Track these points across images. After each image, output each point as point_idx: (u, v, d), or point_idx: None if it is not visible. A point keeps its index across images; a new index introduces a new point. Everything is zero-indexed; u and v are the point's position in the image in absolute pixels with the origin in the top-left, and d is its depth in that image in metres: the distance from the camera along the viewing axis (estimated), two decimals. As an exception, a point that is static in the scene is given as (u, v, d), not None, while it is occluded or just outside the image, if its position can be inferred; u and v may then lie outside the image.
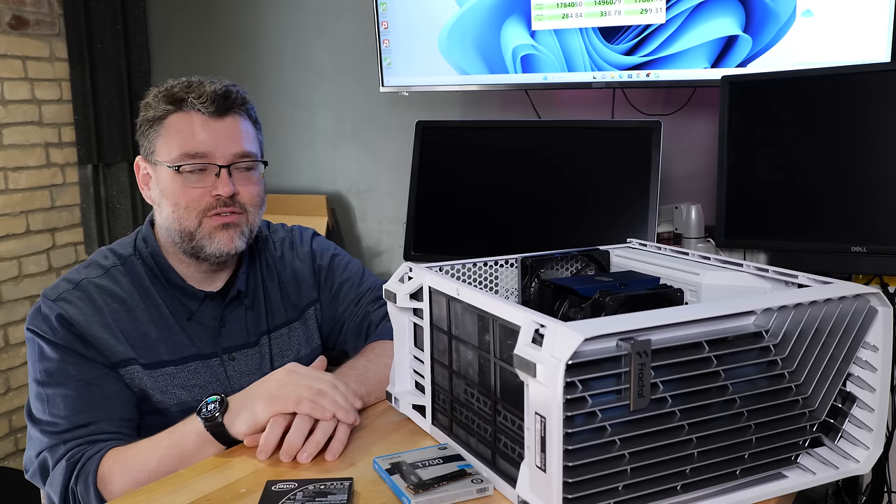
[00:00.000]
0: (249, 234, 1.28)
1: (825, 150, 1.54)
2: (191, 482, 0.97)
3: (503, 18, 2.10)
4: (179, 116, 1.23)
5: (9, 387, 2.73)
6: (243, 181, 1.26)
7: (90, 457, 1.11)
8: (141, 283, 1.26)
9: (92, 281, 1.23)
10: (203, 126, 1.23)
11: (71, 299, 1.20)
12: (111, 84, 2.89)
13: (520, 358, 0.77)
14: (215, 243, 1.24)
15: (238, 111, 1.27)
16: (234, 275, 1.33)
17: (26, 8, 2.74)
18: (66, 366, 1.17)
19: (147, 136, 1.26)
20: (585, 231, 1.73)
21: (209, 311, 1.29)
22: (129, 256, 1.28)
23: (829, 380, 0.88)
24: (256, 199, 1.28)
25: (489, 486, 0.89)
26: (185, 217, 1.23)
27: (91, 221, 2.93)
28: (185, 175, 1.22)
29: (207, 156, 1.22)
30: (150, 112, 1.25)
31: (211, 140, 1.23)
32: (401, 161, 2.56)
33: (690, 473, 0.82)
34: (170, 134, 1.23)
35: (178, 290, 1.28)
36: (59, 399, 1.16)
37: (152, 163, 1.26)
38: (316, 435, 1.01)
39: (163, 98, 1.24)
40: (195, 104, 1.22)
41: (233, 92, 1.26)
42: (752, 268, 1.05)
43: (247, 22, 2.86)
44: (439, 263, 1.10)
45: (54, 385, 1.16)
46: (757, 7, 1.81)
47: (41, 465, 1.15)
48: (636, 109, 2.16)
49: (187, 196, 1.23)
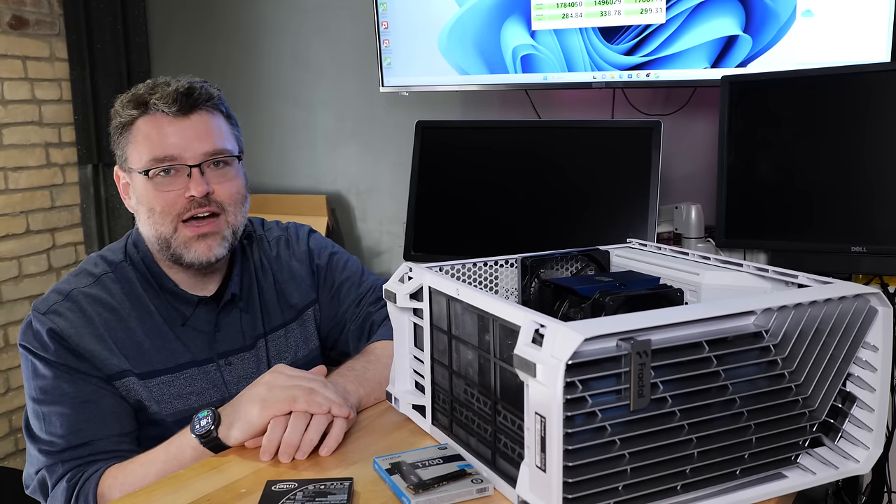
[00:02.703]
0: (232, 237, 1.25)
1: (825, 149, 1.54)
2: (191, 482, 0.97)
3: (503, 18, 2.10)
4: (145, 120, 1.21)
5: (9, 387, 2.73)
6: (218, 179, 1.22)
7: (88, 477, 1.10)
8: (133, 291, 1.23)
9: (82, 290, 1.20)
10: (169, 127, 1.20)
11: (61, 311, 1.17)
12: (111, 84, 2.89)
13: (520, 358, 0.77)
14: (192, 253, 1.21)
15: (205, 107, 1.23)
16: (228, 278, 1.30)
17: (26, 8, 2.74)
18: (60, 383, 1.15)
19: (119, 145, 1.24)
20: (585, 231, 1.73)
21: (203, 316, 1.27)
22: (120, 263, 1.25)
23: (829, 380, 0.88)
24: (235, 196, 1.24)
25: (489, 486, 0.89)
26: (161, 222, 1.20)
27: (91, 221, 2.93)
28: (156, 179, 1.20)
29: (176, 158, 1.19)
30: (118, 119, 1.23)
31: (178, 141, 1.19)
32: (401, 161, 2.56)
33: (690, 473, 0.82)
34: (138, 140, 1.21)
35: (171, 295, 1.25)
36: (56, 417, 1.14)
37: (127, 171, 1.24)
38: (309, 433, 1.01)
39: (128, 103, 1.22)
40: (158, 105, 1.19)
41: (196, 88, 1.22)
42: (752, 268, 1.05)
43: (246, 21, 2.86)
44: (439, 263, 1.10)
45: (50, 403, 1.15)
46: (757, 7, 1.81)
47: (41, 483, 1.14)
48: (636, 109, 2.16)
49: (161, 200, 1.20)
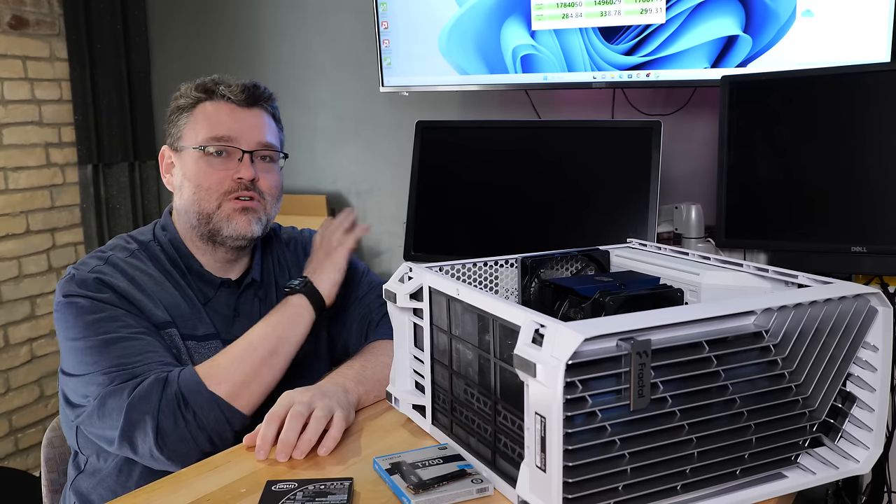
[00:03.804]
0: (266, 223, 1.33)
1: (825, 149, 1.54)
2: (191, 482, 0.97)
3: (503, 18, 2.10)
4: (209, 104, 1.31)
5: (9, 387, 2.73)
6: (264, 170, 1.32)
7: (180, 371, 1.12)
8: (163, 267, 1.29)
9: (121, 258, 1.26)
10: (230, 113, 1.30)
11: (104, 270, 1.22)
12: (111, 84, 2.89)
13: (520, 358, 0.77)
14: (233, 225, 1.28)
15: (264, 105, 1.35)
16: (250, 266, 1.37)
17: (26, 8, 2.74)
18: (117, 313, 1.17)
19: (175, 124, 1.32)
20: (585, 231, 1.73)
21: (224, 298, 1.33)
22: (149, 242, 1.32)
23: (829, 380, 0.88)
24: (274, 190, 1.33)
25: (489, 486, 0.89)
26: (206, 199, 1.27)
27: (91, 221, 2.93)
28: (210, 157, 1.28)
29: (233, 140, 1.29)
30: (182, 101, 1.32)
31: (237, 126, 1.29)
32: (401, 161, 2.56)
33: (690, 473, 0.82)
34: (198, 120, 1.30)
35: (197, 276, 1.31)
36: (114, 345, 1.14)
37: (177, 150, 1.32)
38: (308, 432, 1.02)
39: (194, 88, 1.31)
40: (225, 93, 1.30)
41: (260, 87, 1.34)
42: (752, 268, 1.05)
43: (246, 21, 2.86)
44: (439, 263, 1.10)
45: (104, 333, 1.15)
46: (757, 7, 1.81)
47: (100, 402, 1.11)
48: (636, 109, 2.16)
49: (210, 178, 1.27)
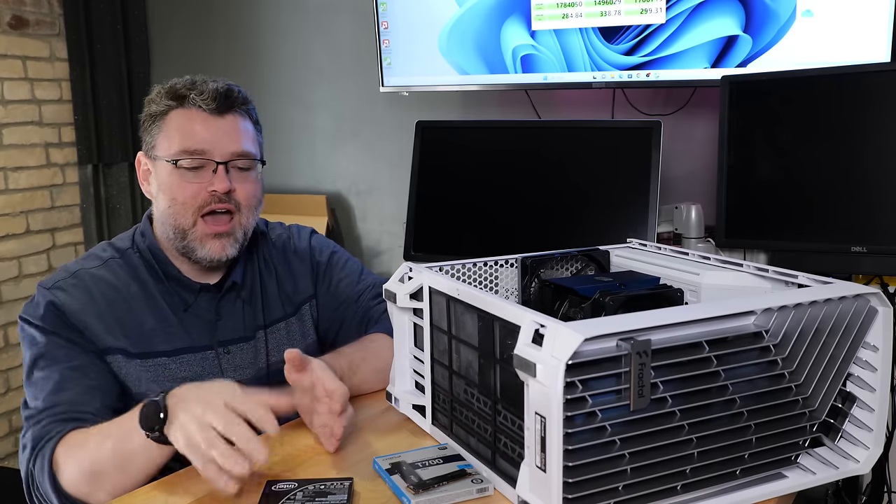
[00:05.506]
0: (243, 239, 1.30)
1: (825, 149, 1.54)
2: (190, 482, 0.96)
3: (503, 18, 2.10)
4: (180, 113, 1.25)
5: (9, 387, 2.73)
6: (240, 180, 1.27)
7: (52, 437, 1.09)
8: (138, 276, 1.27)
9: (89, 271, 1.25)
10: (203, 123, 1.25)
11: (65, 287, 1.22)
12: (111, 84, 2.89)
13: (520, 358, 0.76)
14: (206, 249, 1.26)
15: (238, 110, 1.28)
16: (231, 269, 1.34)
17: (26, 8, 2.74)
18: (52, 350, 1.18)
19: (149, 132, 1.28)
20: (585, 231, 1.73)
21: (205, 303, 1.31)
22: (127, 250, 1.30)
23: (829, 380, 0.88)
24: (252, 200, 1.29)
25: (489, 486, 0.89)
26: (181, 213, 1.25)
27: (91, 221, 2.93)
28: (183, 170, 1.24)
29: (206, 152, 1.24)
30: (153, 107, 1.27)
31: (210, 137, 1.24)
32: (401, 161, 2.56)
33: (690, 473, 0.82)
34: (170, 130, 1.25)
35: (175, 282, 1.29)
36: (43, 382, 1.16)
37: (152, 158, 1.28)
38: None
39: (165, 94, 1.26)
40: (196, 101, 1.24)
41: (234, 91, 1.28)
42: (752, 268, 1.05)
43: (247, 21, 2.86)
44: (439, 263, 1.10)
45: (41, 369, 1.17)
46: (757, 7, 1.81)
47: (21, 450, 1.14)
48: (636, 109, 2.16)
49: (184, 191, 1.24)
